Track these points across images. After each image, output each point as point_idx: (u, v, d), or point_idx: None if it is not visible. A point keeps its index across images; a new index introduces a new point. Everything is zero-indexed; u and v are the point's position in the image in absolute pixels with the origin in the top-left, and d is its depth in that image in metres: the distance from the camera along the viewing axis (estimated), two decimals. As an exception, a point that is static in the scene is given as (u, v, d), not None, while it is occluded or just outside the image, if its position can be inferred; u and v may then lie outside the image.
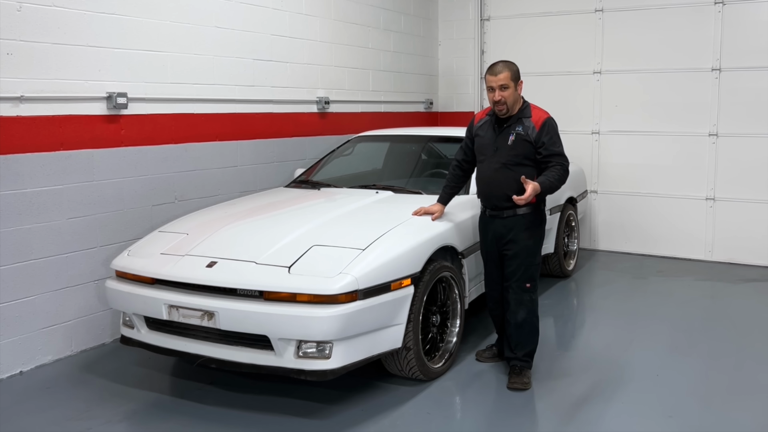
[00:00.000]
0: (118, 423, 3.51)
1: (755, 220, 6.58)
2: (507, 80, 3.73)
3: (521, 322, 3.88)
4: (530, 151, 3.79)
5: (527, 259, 3.87)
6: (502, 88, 3.73)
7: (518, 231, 3.86)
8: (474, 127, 4.03)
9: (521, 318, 3.88)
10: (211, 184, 5.29)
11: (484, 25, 7.93)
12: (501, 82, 3.73)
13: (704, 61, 6.69)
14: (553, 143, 3.77)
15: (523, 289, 3.88)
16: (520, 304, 3.88)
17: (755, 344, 4.55)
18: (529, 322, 3.90)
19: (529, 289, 3.89)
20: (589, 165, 7.28)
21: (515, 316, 3.88)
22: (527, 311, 3.88)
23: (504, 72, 3.74)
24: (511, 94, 3.76)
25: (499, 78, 3.73)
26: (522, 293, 3.88)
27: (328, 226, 3.95)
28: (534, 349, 3.96)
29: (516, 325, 3.89)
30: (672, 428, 3.40)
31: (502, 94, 3.74)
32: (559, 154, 3.78)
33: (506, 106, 3.77)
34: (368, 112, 7.02)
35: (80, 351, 4.46)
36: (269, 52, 5.73)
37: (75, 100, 4.30)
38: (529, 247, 3.88)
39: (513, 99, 3.78)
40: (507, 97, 3.75)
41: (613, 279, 6.29)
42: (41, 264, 4.20)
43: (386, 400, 3.70)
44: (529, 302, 3.89)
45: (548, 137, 3.76)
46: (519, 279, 3.87)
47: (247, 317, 3.40)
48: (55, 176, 4.22)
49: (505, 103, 3.76)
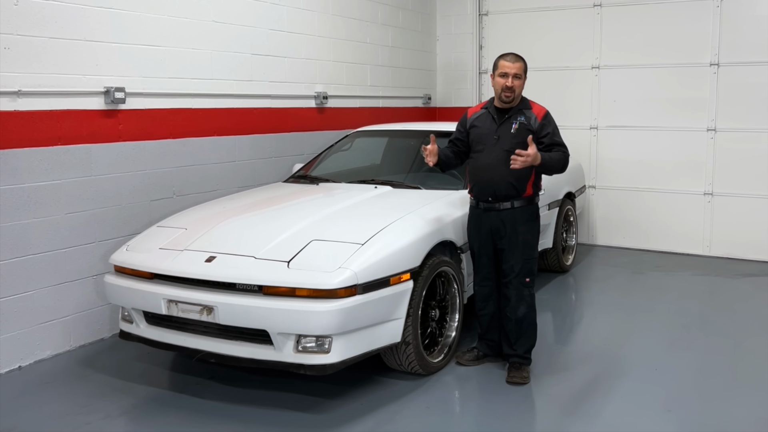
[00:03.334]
0: (117, 417, 3.50)
1: (753, 215, 6.59)
2: (520, 71, 3.83)
3: (521, 318, 3.88)
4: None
5: (526, 253, 3.88)
6: (515, 77, 3.79)
7: (516, 224, 3.86)
8: (468, 120, 4.03)
9: (522, 313, 3.88)
10: (209, 179, 5.28)
11: (483, 20, 7.92)
12: (515, 71, 3.80)
13: (703, 56, 6.69)
14: (555, 134, 3.86)
15: (523, 284, 3.88)
16: (521, 300, 3.88)
17: (753, 338, 4.56)
18: (529, 317, 3.91)
19: (528, 284, 3.90)
20: (588, 160, 7.28)
21: (516, 311, 3.88)
22: (527, 306, 3.89)
23: (519, 62, 3.84)
24: (521, 85, 3.84)
25: (515, 66, 3.81)
26: (523, 288, 3.88)
27: (327, 221, 3.95)
28: (533, 344, 3.96)
29: (517, 321, 3.89)
30: (670, 422, 3.41)
31: (515, 82, 3.80)
32: (561, 144, 3.87)
33: (513, 95, 3.81)
34: (366, 107, 7.01)
35: (79, 346, 4.46)
36: (267, 47, 5.72)
37: (73, 95, 4.29)
38: (528, 240, 3.89)
39: (520, 90, 3.86)
40: (517, 87, 3.81)
41: (611, 274, 6.30)
42: (39, 259, 4.19)
43: (385, 395, 3.70)
44: (528, 297, 3.90)
45: (551, 128, 3.85)
46: (519, 274, 3.87)
47: (247, 312, 3.40)
48: (53, 171, 4.21)
49: (514, 92, 3.81)
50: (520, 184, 3.84)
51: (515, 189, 3.83)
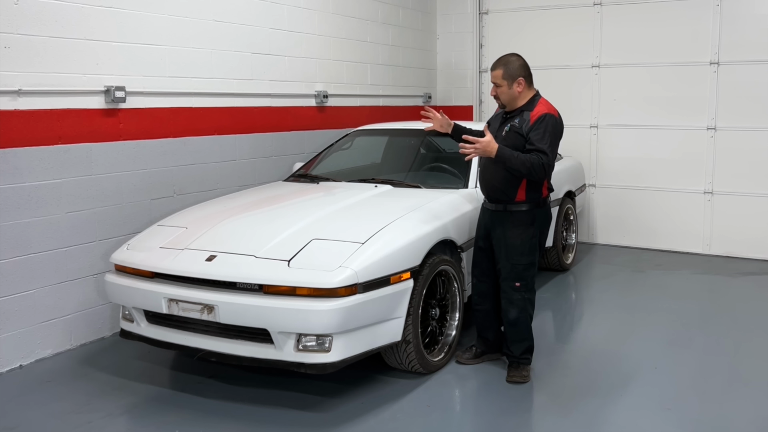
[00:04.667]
0: (118, 416, 3.51)
1: (753, 213, 6.59)
2: (498, 79, 3.80)
3: (514, 321, 3.86)
4: (521, 144, 3.72)
5: (514, 258, 3.81)
6: (496, 86, 3.82)
7: (504, 228, 3.83)
8: (490, 120, 4.12)
9: (513, 317, 3.86)
10: (209, 178, 5.29)
11: (483, 19, 7.91)
12: (493, 79, 3.83)
13: (702, 55, 6.69)
14: (539, 138, 3.66)
15: (513, 288, 3.84)
16: (511, 303, 3.85)
17: (753, 337, 4.56)
18: (522, 321, 3.86)
19: (518, 289, 3.83)
20: (588, 159, 7.28)
21: (507, 314, 3.88)
22: (519, 310, 3.84)
23: (496, 70, 3.81)
24: (504, 92, 3.80)
25: (492, 75, 3.83)
26: (512, 292, 3.84)
27: (327, 219, 3.95)
28: (530, 346, 3.93)
29: (509, 323, 3.90)
30: (670, 420, 3.42)
31: (496, 90, 3.83)
32: (540, 150, 3.64)
33: (501, 101, 3.86)
34: (367, 105, 7.01)
35: (80, 345, 4.46)
36: (268, 46, 5.72)
37: (73, 94, 4.29)
38: (516, 246, 3.79)
39: (508, 96, 3.81)
40: (500, 94, 3.82)
41: (611, 272, 6.30)
42: (40, 258, 4.20)
43: (386, 393, 3.71)
44: (519, 301, 3.84)
45: (537, 132, 3.68)
46: (507, 278, 3.85)
47: (247, 311, 3.40)
48: (53, 170, 4.21)
49: (500, 98, 3.84)
50: (507, 189, 3.78)
51: (504, 193, 3.80)
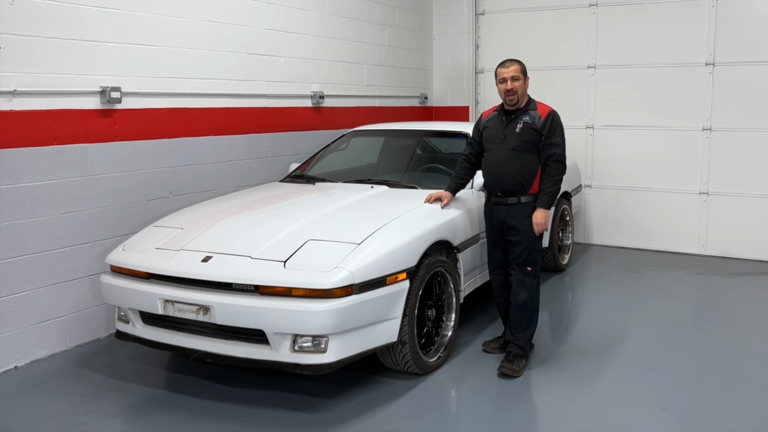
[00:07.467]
0: (113, 417, 3.50)
1: (748, 214, 6.61)
2: (518, 72, 4.02)
3: (522, 304, 4.04)
4: (536, 139, 4.03)
5: (530, 245, 4.06)
6: (513, 80, 3.99)
7: (521, 218, 4.05)
8: (482, 122, 4.28)
9: (522, 300, 4.04)
10: (205, 178, 5.28)
11: (479, 20, 7.92)
12: (512, 73, 4.00)
13: (698, 56, 6.70)
14: (552, 133, 4.02)
15: (525, 273, 4.07)
16: (522, 286, 4.05)
17: (748, 338, 4.57)
18: (530, 305, 4.07)
19: (530, 273, 4.07)
20: (584, 159, 7.29)
21: (517, 297, 4.06)
22: (528, 294, 4.05)
23: (515, 65, 4.05)
24: (521, 86, 4.02)
25: (511, 70, 4.01)
26: (524, 276, 4.06)
27: (323, 220, 3.95)
28: (533, 332, 4.10)
29: (517, 306, 4.06)
30: (666, 421, 3.42)
31: (514, 84, 3.99)
32: (555, 144, 4.01)
33: (517, 96, 4.01)
34: (363, 106, 7.01)
35: (75, 346, 4.45)
36: (264, 47, 5.72)
37: (68, 95, 4.28)
38: (532, 233, 4.05)
39: (522, 90, 4.04)
40: (518, 88, 4.00)
41: (607, 273, 6.31)
42: (36, 259, 4.19)
43: (382, 394, 3.71)
44: (530, 285, 4.07)
45: (551, 127, 4.02)
46: (521, 263, 4.07)
47: (243, 312, 3.40)
48: (49, 171, 4.21)
49: (516, 93, 4.00)
50: (527, 181, 4.03)
51: (521, 185, 4.03)
